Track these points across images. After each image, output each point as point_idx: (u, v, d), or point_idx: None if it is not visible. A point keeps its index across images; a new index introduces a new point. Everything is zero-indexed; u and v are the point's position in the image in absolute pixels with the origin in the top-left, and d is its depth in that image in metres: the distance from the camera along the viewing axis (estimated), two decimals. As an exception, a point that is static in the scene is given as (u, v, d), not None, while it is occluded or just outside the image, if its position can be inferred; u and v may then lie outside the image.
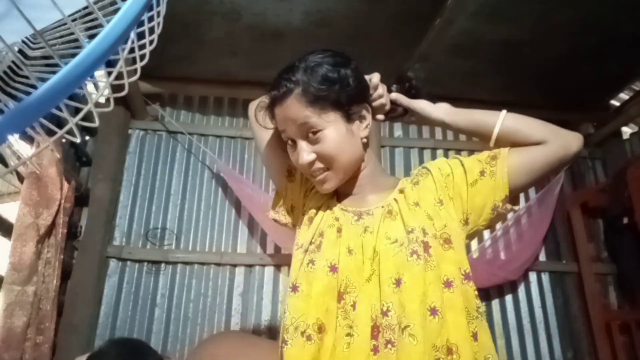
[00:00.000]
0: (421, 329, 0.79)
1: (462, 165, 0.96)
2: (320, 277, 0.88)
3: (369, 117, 0.97)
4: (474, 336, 0.83)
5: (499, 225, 2.57)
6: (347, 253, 0.89)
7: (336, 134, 0.91)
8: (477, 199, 0.93)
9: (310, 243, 0.94)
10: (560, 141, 0.93)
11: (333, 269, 0.88)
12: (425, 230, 0.87)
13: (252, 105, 1.08)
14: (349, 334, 0.83)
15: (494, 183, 0.92)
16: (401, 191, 0.96)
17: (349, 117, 0.93)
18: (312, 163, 0.92)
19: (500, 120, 0.97)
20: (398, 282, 0.83)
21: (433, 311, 0.81)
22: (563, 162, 0.93)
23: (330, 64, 0.91)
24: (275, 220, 1.12)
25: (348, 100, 0.92)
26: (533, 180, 0.94)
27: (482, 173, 0.93)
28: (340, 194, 1.04)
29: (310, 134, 0.90)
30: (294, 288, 0.90)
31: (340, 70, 0.92)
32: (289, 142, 0.95)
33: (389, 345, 0.80)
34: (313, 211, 1.00)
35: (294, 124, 0.91)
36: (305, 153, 0.91)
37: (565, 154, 0.92)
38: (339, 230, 0.93)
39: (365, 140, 0.97)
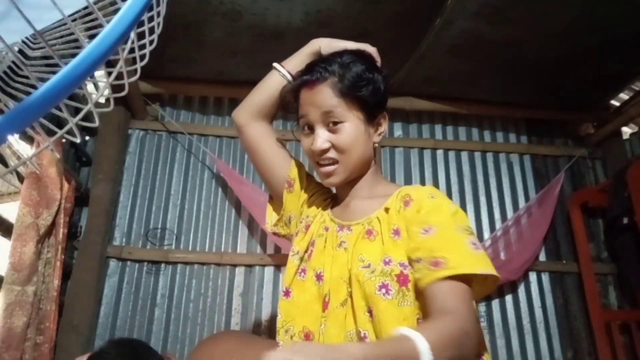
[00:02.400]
0: None
1: (423, 228, 0.85)
2: (308, 287, 0.91)
3: (385, 125, 1.01)
4: None
5: (498, 225, 2.58)
6: (332, 263, 0.91)
7: (355, 130, 0.94)
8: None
9: (305, 251, 0.97)
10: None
11: (319, 277, 0.91)
12: (405, 264, 0.84)
13: (242, 111, 1.10)
14: None
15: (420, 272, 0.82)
16: (387, 210, 0.93)
17: (369, 120, 0.96)
18: (324, 151, 0.94)
19: None
20: (370, 312, 0.83)
21: None
22: None
23: (366, 65, 0.96)
24: (275, 234, 1.14)
25: (374, 103, 0.96)
26: None
27: (417, 260, 0.83)
28: (335, 202, 1.06)
29: (331, 123, 0.93)
30: (287, 293, 0.93)
31: (375, 74, 0.97)
32: (305, 128, 0.97)
33: None
34: (310, 218, 1.03)
35: (318, 110, 0.94)
36: (321, 139, 0.93)
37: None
38: (326, 240, 0.96)
39: (376, 146, 1.00)
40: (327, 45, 1.06)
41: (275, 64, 1.09)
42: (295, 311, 0.90)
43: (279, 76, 1.07)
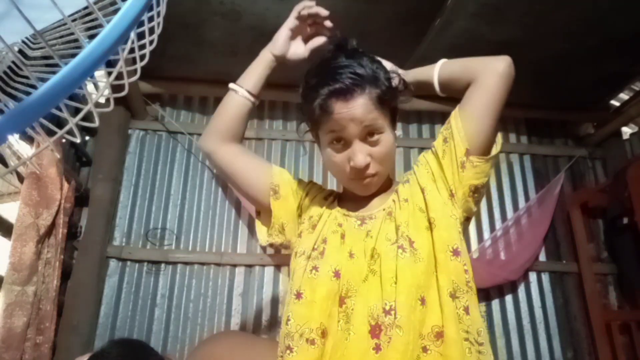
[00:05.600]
0: (407, 320, 0.81)
1: (433, 146, 0.99)
2: (323, 283, 0.88)
3: (397, 126, 1.00)
4: (466, 310, 0.85)
5: (498, 225, 2.57)
6: (349, 257, 0.90)
7: (390, 139, 0.93)
8: (450, 166, 0.93)
9: (313, 249, 0.94)
10: (485, 71, 0.92)
11: (337, 274, 0.88)
12: (409, 223, 0.90)
13: (208, 139, 1.05)
14: (347, 339, 0.84)
15: (454, 143, 0.92)
16: (396, 191, 0.98)
17: (394, 125, 0.96)
18: (367, 167, 0.91)
19: (437, 71, 1.00)
20: (396, 281, 0.85)
21: (422, 301, 0.84)
22: (500, 87, 0.91)
23: (386, 70, 0.95)
24: (271, 245, 1.12)
25: (396, 108, 0.96)
26: (489, 120, 0.92)
27: (445, 140, 0.95)
28: (344, 198, 1.05)
29: (369, 135, 0.89)
30: (298, 295, 0.89)
31: (396, 78, 0.96)
32: (335, 142, 0.91)
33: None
34: (315, 218, 1.00)
35: (358, 124, 0.87)
36: (362, 155, 0.89)
37: (497, 79, 0.91)
38: (342, 236, 0.94)
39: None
40: (278, 45, 1.04)
41: (231, 85, 1.05)
42: (311, 310, 0.87)
43: (238, 97, 1.03)
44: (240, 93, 1.03)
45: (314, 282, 0.89)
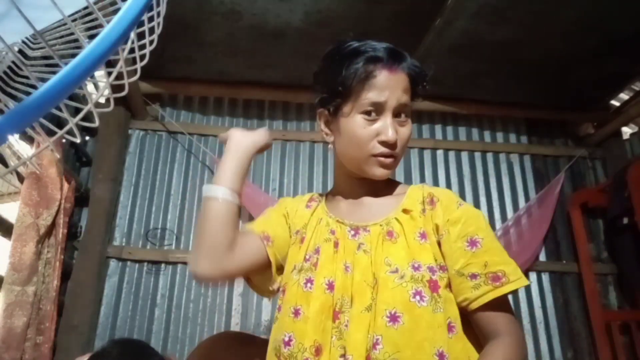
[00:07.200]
0: None
1: (467, 241, 0.84)
2: (316, 296, 0.84)
3: None
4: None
5: (498, 225, 2.57)
6: (344, 270, 0.85)
7: (411, 127, 0.92)
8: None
9: (305, 260, 0.89)
10: None
11: (330, 286, 0.84)
12: (434, 269, 0.82)
13: (208, 267, 0.90)
14: (342, 355, 0.79)
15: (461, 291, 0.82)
16: (405, 211, 0.89)
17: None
18: (394, 144, 0.88)
19: None
20: (394, 318, 0.78)
21: (441, 356, 0.76)
22: None
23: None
24: (277, 290, 0.99)
25: None
26: None
27: (473, 276, 0.81)
28: (333, 202, 0.99)
29: (398, 115, 0.89)
30: (296, 312, 0.85)
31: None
32: (365, 115, 0.87)
33: None
34: (302, 230, 0.95)
35: (397, 98, 0.87)
36: (394, 130, 0.87)
37: None
38: (336, 245, 0.89)
39: None
40: (249, 142, 0.98)
41: (208, 188, 0.93)
42: (305, 326, 0.82)
43: (221, 203, 0.91)
44: (221, 197, 0.92)
45: (309, 296, 0.84)
